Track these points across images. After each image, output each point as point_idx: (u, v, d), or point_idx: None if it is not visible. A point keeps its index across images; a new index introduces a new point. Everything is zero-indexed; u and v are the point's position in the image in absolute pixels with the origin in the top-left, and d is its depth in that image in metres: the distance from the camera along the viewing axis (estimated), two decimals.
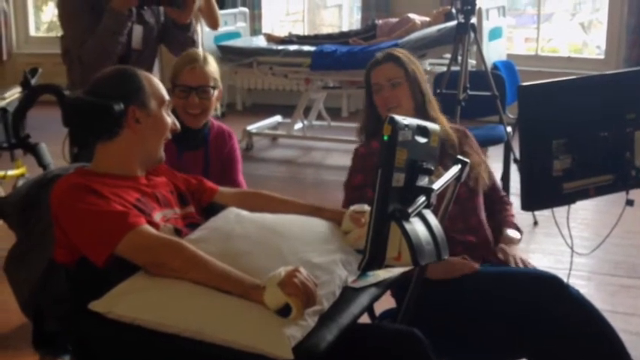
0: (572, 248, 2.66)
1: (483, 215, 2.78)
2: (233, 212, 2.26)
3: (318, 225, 2.26)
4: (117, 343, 1.95)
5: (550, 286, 2.45)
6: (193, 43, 3.45)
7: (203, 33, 5.54)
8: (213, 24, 5.19)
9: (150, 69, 3.37)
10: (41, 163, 3.93)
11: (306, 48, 6.69)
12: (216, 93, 2.94)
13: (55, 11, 3.25)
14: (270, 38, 7.12)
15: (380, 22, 6.98)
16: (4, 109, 4.60)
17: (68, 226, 2.05)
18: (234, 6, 7.95)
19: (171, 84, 2.89)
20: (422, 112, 2.74)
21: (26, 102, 2.63)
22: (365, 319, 2.37)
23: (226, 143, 3.03)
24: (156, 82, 2.27)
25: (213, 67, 2.95)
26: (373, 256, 1.80)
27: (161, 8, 3.36)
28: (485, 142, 4.72)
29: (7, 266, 2.39)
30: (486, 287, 2.52)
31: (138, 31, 3.27)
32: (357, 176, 2.78)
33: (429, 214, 1.89)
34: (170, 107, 2.33)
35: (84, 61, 3.19)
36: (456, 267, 2.54)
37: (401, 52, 2.86)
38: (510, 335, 2.46)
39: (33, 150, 4.01)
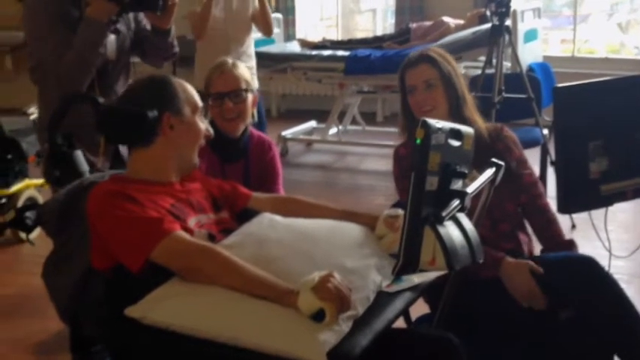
0: (610, 251, 2.64)
1: (517, 220, 2.76)
2: (267, 217, 2.27)
3: (351, 230, 2.26)
4: (152, 349, 1.96)
5: (584, 268, 2.45)
6: (173, 48, 3.26)
7: None
8: (267, 31, 5.20)
9: (126, 79, 3.22)
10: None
11: (340, 53, 6.69)
12: (250, 97, 2.94)
13: None
14: (304, 44, 7.14)
15: (414, 25, 6.97)
16: None
17: (104, 233, 2.07)
18: None
19: (205, 96, 2.89)
20: (457, 114, 2.70)
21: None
22: (400, 323, 2.36)
23: (266, 154, 3.01)
24: (189, 88, 2.28)
25: (242, 70, 2.95)
26: (407, 261, 1.79)
27: (131, 16, 3.17)
28: (522, 145, 4.68)
29: (45, 273, 2.41)
30: None
31: (111, 40, 3.05)
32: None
33: (463, 218, 1.87)
34: (205, 114, 2.33)
35: (62, 77, 2.96)
36: (525, 295, 2.53)
37: (436, 52, 2.79)
38: (543, 326, 2.46)
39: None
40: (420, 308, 2.58)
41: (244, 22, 5.06)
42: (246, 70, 2.99)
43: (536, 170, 4.91)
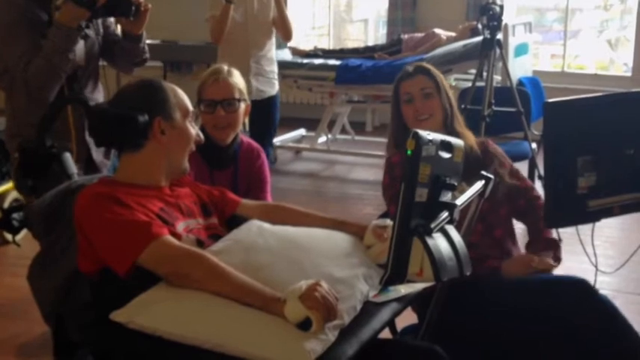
0: (596, 266, 2.64)
1: (508, 227, 2.78)
2: (255, 225, 2.26)
3: (340, 239, 2.26)
4: (137, 354, 1.94)
5: (576, 290, 2.45)
6: (144, 53, 3.19)
7: None
8: (287, 35, 5.22)
9: (95, 84, 3.18)
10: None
11: (332, 62, 6.71)
12: (242, 106, 2.94)
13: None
14: (295, 52, 7.14)
15: (405, 36, 6.99)
16: None
17: (92, 235, 2.06)
18: None
19: (197, 101, 2.89)
20: (449, 126, 2.76)
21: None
22: (386, 334, 2.36)
23: (255, 161, 3.01)
24: (180, 93, 2.28)
25: (237, 78, 2.95)
26: (395, 271, 1.79)
27: (99, 20, 3.09)
28: (510, 159, 4.70)
29: (31, 275, 2.40)
30: (511, 295, 2.52)
31: (80, 46, 2.95)
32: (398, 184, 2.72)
33: (451, 230, 1.88)
34: (195, 120, 2.33)
35: (31, 83, 2.87)
36: (532, 263, 2.60)
37: (430, 66, 2.89)
38: (533, 345, 2.45)
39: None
40: (406, 319, 2.58)
41: (265, 26, 5.06)
42: (241, 78, 2.98)
43: None
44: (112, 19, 3.16)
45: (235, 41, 4.93)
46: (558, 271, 3.26)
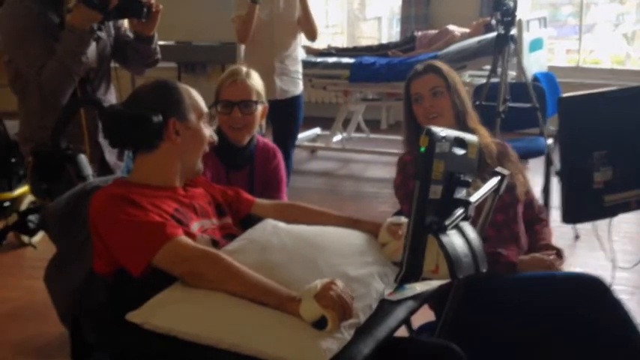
0: (614, 262, 2.62)
1: (522, 224, 2.77)
2: (270, 224, 2.26)
3: (355, 237, 2.25)
4: (153, 354, 1.95)
5: (590, 288, 2.44)
6: (156, 54, 3.22)
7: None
8: (311, 35, 5.21)
9: (107, 86, 3.20)
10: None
11: (345, 60, 6.69)
12: (260, 108, 2.94)
13: None
14: (309, 50, 7.13)
15: (419, 33, 6.98)
16: None
17: (106, 237, 2.07)
18: None
19: (214, 102, 2.90)
20: (462, 123, 2.74)
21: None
22: (402, 332, 2.35)
23: (271, 161, 3.01)
24: (195, 94, 2.28)
25: (255, 81, 2.94)
26: (410, 269, 1.79)
27: (110, 22, 3.10)
28: (526, 155, 4.68)
29: (47, 276, 2.41)
30: (526, 292, 2.51)
31: (92, 48, 2.95)
32: (412, 182, 2.72)
33: (466, 227, 1.87)
34: (211, 121, 2.33)
35: (45, 87, 2.90)
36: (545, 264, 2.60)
37: (440, 64, 2.86)
38: (548, 342, 2.44)
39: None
40: (423, 316, 2.58)
41: (290, 26, 5.05)
42: (260, 80, 2.98)
43: (540, 180, 4.91)
44: (123, 21, 3.16)
45: (260, 41, 4.92)
46: (577, 269, 3.25)
